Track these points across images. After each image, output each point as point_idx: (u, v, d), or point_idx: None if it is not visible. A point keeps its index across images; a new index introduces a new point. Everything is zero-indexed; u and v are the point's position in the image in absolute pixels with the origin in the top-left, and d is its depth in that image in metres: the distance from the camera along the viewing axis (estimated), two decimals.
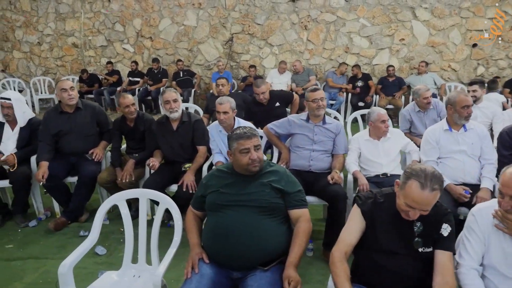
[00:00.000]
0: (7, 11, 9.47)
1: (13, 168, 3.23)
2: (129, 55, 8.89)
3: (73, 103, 3.28)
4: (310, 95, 2.94)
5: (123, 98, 3.29)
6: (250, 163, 1.81)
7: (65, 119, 3.32)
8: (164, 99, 3.07)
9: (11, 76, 9.57)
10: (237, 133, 1.86)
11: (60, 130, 3.29)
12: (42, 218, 3.40)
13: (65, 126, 3.30)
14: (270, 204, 1.77)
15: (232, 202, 1.78)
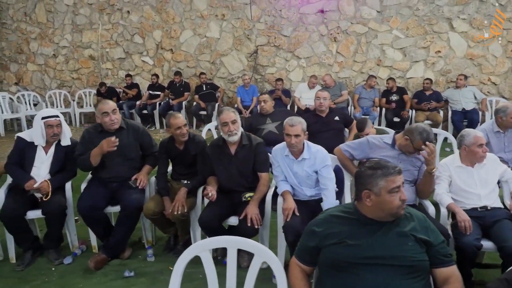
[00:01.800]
0: (22, 23, 9.21)
1: (46, 197, 2.84)
2: (148, 67, 8.56)
3: (116, 127, 2.90)
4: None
5: (174, 118, 2.88)
6: (401, 205, 1.41)
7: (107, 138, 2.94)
8: (222, 121, 2.68)
9: (25, 89, 9.26)
10: (381, 168, 1.47)
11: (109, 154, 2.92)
12: (77, 253, 2.98)
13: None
14: (417, 263, 1.37)
15: (368, 260, 1.38)
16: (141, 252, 3.00)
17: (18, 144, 2.96)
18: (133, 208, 2.80)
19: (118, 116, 2.90)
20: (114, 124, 2.88)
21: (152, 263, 2.84)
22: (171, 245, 3.03)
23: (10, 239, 2.89)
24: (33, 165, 2.92)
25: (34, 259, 2.90)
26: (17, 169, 2.91)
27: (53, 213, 2.81)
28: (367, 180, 1.52)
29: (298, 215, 2.48)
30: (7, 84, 9.60)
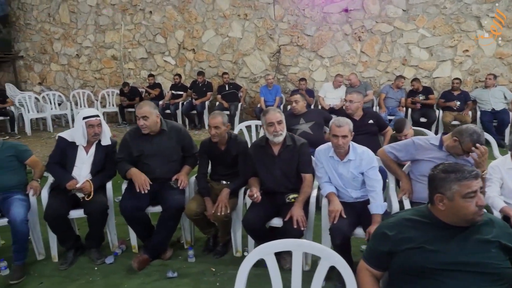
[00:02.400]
0: (46, 24, 9.33)
1: (88, 197, 2.85)
2: (170, 67, 8.59)
3: (145, 132, 2.89)
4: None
5: (211, 118, 2.87)
6: (477, 212, 1.36)
7: (148, 141, 2.94)
8: (268, 121, 2.64)
9: (48, 89, 9.39)
10: (455, 172, 1.42)
11: (142, 153, 2.91)
12: (118, 253, 2.99)
13: (147, 148, 2.92)
14: (501, 271, 1.32)
15: (449, 266, 1.33)
16: (181, 252, 3.00)
17: (59, 144, 2.97)
18: (175, 209, 2.79)
19: (148, 122, 2.83)
20: (143, 129, 2.87)
21: (193, 264, 2.83)
22: (211, 246, 3.02)
23: (53, 238, 2.90)
24: (75, 165, 2.93)
25: (76, 259, 2.92)
26: (59, 169, 2.92)
27: (96, 212, 2.82)
28: (439, 184, 1.47)
29: (345, 217, 2.44)
30: (31, 84, 9.74)
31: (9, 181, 2.89)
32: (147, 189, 2.80)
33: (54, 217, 2.76)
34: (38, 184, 2.96)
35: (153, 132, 2.92)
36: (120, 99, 8.20)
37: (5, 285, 2.64)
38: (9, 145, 3.00)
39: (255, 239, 2.72)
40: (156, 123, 2.90)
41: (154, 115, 2.87)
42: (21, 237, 2.69)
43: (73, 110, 8.23)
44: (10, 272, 2.74)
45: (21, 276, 2.67)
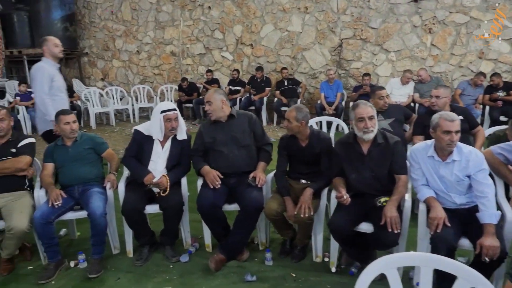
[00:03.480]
0: (109, 21, 9.62)
1: (164, 192, 2.77)
2: (227, 63, 8.53)
3: (211, 118, 2.83)
4: None
5: (288, 111, 2.69)
6: None
7: (219, 128, 2.84)
8: (358, 116, 2.40)
9: (110, 84, 9.69)
10: None
11: (214, 140, 2.82)
12: (192, 251, 2.89)
13: (219, 135, 2.82)
14: None
15: None
16: (256, 254, 2.84)
17: (135, 137, 2.92)
18: (254, 208, 2.63)
19: (212, 107, 2.78)
20: (210, 115, 2.83)
21: (271, 268, 2.66)
22: (287, 249, 2.84)
23: (129, 233, 2.87)
24: (150, 159, 2.87)
25: (151, 255, 2.86)
26: (135, 163, 2.87)
27: (172, 209, 2.74)
28: None
29: (449, 226, 2.15)
30: (94, 80, 10.12)
31: (88, 174, 2.88)
32: (219, 183, 2.69)
33: (131, 211, 2.71)
34: (115, 177, 2.93)
35: (221, 118, 2.82)
36: (179, 95, 8.26)
37: (84, 278, 2.62)
38: (87, 137, 3.00)
39: (341, 244, 2.50)
40: (221, 109, 2.79)
41: (218, 101, 2.77)
42: (100, 231, 2.66)
43: (134, 105, 8.41)
44: (88, 265, 2.72)
45: (99, 270, 2.65)
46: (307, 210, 2.50)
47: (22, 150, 2.81)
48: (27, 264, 2.82)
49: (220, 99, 2.79)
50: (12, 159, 2.74)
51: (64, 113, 2.88)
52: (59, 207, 2.66)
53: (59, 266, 2.70)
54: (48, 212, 2.62)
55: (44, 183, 2.80)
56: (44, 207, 2.64)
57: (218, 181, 2.70)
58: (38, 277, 2.61)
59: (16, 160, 2.74)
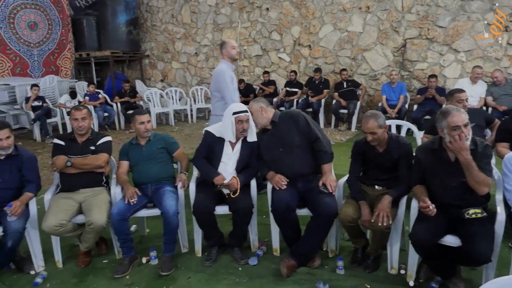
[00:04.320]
0: (170, 24, 9.94)
1: (234, 194, 2.76)
2: (284, 64, 8.48)
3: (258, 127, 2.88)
4: None
5: (365, 122, 2.52)
6: None
7: (269, 136, 2.83)
8: (452, 124, 2.16)
9: (168, 85, 10.01)
10: None
11: (268, 148, 2.81)
12: (259, 254, 2.86)
13: (270, 142, 2.81)
14: None
15: None
16: (326, 261, 2.74)
17: (206, 138, 2.94)
18: (327, 214, 2.53)
19: (252, 118, 2.83)
20: (256, 126, 2.88)
21: (343, 277, 2.55)
22: (359, 258, 2.71)
23: (198, 233, 2.88)
24: (221, 160, 2.87)
25: (219, 256, 2.86)
26: (205, 164, 2.88)
27: (242, 211, 2.72)
28: None
29: None
30: (154, 81, 10.51)
31: (160, 173, 2.94)
32: (284, 184, 2.66)
33: (202, 212, 2.72)
34: (186, 177, 2.97)
35: (266, 125, 2.83)
36: None
37: (156, 275, 2.67)
38: (160, 137, 3.07)
39: (423, 257, 2.34)
40: (261, 115, 2.80)
41: (257, 110, 2.81)
42: (172, 229, 2.70)
43: (192, 105, 8.61)
44: (160, 262, 2.77)
45: (171, 268, 2.68)
46: (385, 218, 2.37)
47: (100, 148, 2.92)
48: (102, 258, 2.93)
49: (259, 106, 2.80)
50: (91, 156, 2.86)
51: (139, 113, 2.97)
52: (134, 204, 2.74)
53: (132, 261, 2.78)
54: (124, 209, 2.70)
55: (120, 180, 2.89)
56: (120, 204, 2.73)
57: (284, 181, 2.66)
58: (113, 271, 2.69)
59: (95, 157, 2.86)
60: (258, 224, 2.97)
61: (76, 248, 3.06)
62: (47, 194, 2.84)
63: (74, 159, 2.79)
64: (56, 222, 2.58)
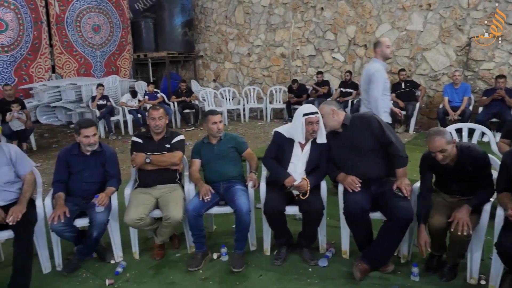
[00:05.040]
0: (223, 25, 10.13)
1: (304, 195, 2.77)
2: (338, 64, 8.37)
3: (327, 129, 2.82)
4: None
5: (430, 141, 2.37)
6: None
7: (338, 139, 2.81)
8: None
9: (221, 85, 10.20)
10: None
11: (338, 150, 2.80)
12: (328, 256, 2.85)
13: (340, 145, 2.80)
14: None
15: None
16: (399, 267, 2.68)
17: (276, 139, 2.97)
18: (404, 219, 2.48)
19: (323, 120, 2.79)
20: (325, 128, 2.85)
21: (418, 284, 2.49)
22: (434, 265, 2.62)
23: (267, 232, 2.93)
24: (290, 161, 2.89)
25: (288, 255, 2.89)
26: (275, 164, 2.92)
27: (312, 212, 2.73)
28: None
29: None
30: (206, 81, 10.77)
31: (231, 172, 3.02)
32: (358, 186, 2.64)
33: (273, 211, 2.76)
34: (256, 176, 3.02)
35: (336, 127, 2.81)
36: (288, 96, 8.35)
37: (227, 271, 2.75)
38: (230, 136, 3.15)
39: (510, 267, 2.23)
40: (332, 118, 2.77)
41: (328, 112, 2.78)
42: (245, 227, 2.77)
43: (245, 105, 8.72)
44: (231, 259, 2.84)
45: (242, 265, 2.75)
46: (465, 227, 2.28)
47: (175, 146, 3.05)
48: (175, 252, 3.06)
49: (330, 109, 2.77)
50: (168, 154, 2.99)
51: (212, 113, 3.06)
52: (208, 202, 2.83)
53: (204, 256, 2.88)
54: (199, 206, 2.80)
55: (194, 178, 3.00)
56: (195, 201, 2.84)
57: (357, 184, 2.63)
58: (187, 265, 2.81)
59: (171, 155, 2.99)
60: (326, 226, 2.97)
61: (149, 240, 3.22)
62: (126, 189, 3.01)
63: (153, 157, 2.94)
64: (137, 216, 2.73)
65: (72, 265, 2.80)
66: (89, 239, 2.74)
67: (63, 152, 2.93)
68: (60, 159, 2.91)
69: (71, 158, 2.89)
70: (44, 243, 2.79)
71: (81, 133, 2.79)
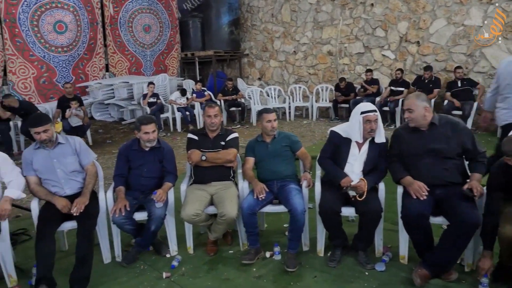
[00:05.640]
0: (269, 23, 10.12)
1: (361, 196, 2.69)
2: (388, 62, 8.10)
3: (412, 125, 2.67)
4: None
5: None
6: None
7: (419, 137, 2.64)
8: None
9: (266, 84, 10.21)
10: None
11: (414, 149, 2.64)
12: (385, 261, 2.75)
13: (419, 144, 2.62)
14: None
15: None
16: (463, 276, 2.54)
17: (332, 138, 2.91)
18: (468, 223, 2.34)
19: (412, 115, 2.61)
20: (410, 122, 2.67)
21: None
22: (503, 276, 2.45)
23: (321, 233, 2.88)
24: (347, 161, 2.82)
25: (342, 258, 2.82)
26: (332, 164, 2.86)
27: (369, 214, 2.65)
28: None
29: None
30: (251, 79, 10.81)
31: (285, 170, 3.00)
32: (425, 195, 2.49)
33: (328, 212, 2.71)
34: (310, 176, 2.98)
35: (422, 126, 2.62)
36: (335, 95, 8.20)
37: (281, 271, 2.73)
38: (284, 135, 3.13)
39: None
40: (423, 116, 2.57)
41: (420, 108, 2.57)
42: (299, 227, 2.74)
43: (290, 104, 8.67)
44: (284, 258, 2.82)
45: (296, 265, 2.72)
46: None
47: (230, 143, 3.08)
48: (228, 249, 3.09)
49: (423, 106, 2.59)
50: (223, 151, 3.02)
51: (266, 112, 3.06)
52: (262, 200, 2.83)
53: (257, 253, 2.88)
54: (254, 204, 2.81)
55: (247, 176, 3.01)
56: (250, 199, 2.84)
57: (424, 192, 2.50)
58: (240, 257, 2.82)
59: (226, 152, 3.02)
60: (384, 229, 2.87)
61: (201, 236, 3.28)
62: (182, 185, 3.08)
63: (208, 154, 2.98)
64: (193, 211, 2.78)
65: (130, 257, 2.91)
66: (147, 232, 2.83)
67: (124, 147, 3.04)
68: (120, 153, 3.02)
69: (131, 153, 2.99)
70: (105, 235, 2.91)
71: (141, 130, 2.88)
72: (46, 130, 2.66)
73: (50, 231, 2.57)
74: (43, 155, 2.74)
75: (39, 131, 2.65)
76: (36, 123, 2.67)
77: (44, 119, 2.71)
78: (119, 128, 8.32)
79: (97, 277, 2.71)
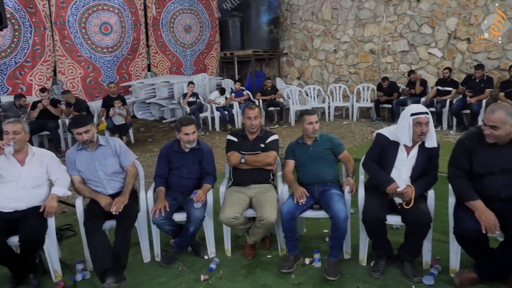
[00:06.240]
0: (309, 22, 9.96)
1: (408, 204, 2.53)
2: (435, 60, 7.71)
3: (491, 141, 2.33)
4: None
5: None
6: None
7: (493, 153, 2.37)
8: None
9: (305, 83, 10.05)
10: None
11: (482, 164, 2.38)
12: (434, 274, 2.57)
13: (485, 162, 2.38)
14: None
15: None
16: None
17: (378, 141, 2.76)
18: None
19: (496, 133, 2.27)
20: (488, 138, 2.33)
21: None
22: None
23: (364, 241, 2.75)
24: (394, 166, 2.67)
25: (386, 268, 2.67)
26: (378, 169, 2.71)
27: (418, 223, 2.49)
28: None
29: None
30: (290, 79, 10.70)
31: (327, 174, 2.90)
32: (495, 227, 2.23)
33: (373, 220, 2.58)
34: (353, 181, 2.86)
35: (503, 142, 2.32)
36: (377, 94, 7.92)
37: (321, 279, 2.63)
38: (326, 137, 3.02)
39: None
40: (508, 135, 2.27)
41: (508, 126, 2.23)
42: (341, 234, 2.63)
43: (330, 103, 8.48)
44: (325, 266, 2.72)
45: (337, 274, 2.62)
46: None
47: (269, 145, 3.01)
48: (266, 253, 3.02)
49: (510, 124, 2.24)
50: (263, 154, 2.96)
51: (308, 113, 2.96)
52: (302, 205, 2.74)
53: (296, 260, 2.79)
54: (294, 209, 2.73)
55: (288, 179, 2.93)
56: (290, 203, 2.76)
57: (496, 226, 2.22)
58: (280, 266, 2.75)
59: (266, 155, 2.95)
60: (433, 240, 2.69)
61: (238, 239, 3.24)
62: (221, 187, 3.05)
63: (248, 156, 2.93)
64: (232, 214, 2.74)
65: (169, 257, 2.91)
66: (186, 233, 2.83)
67: (165, 148, 3.06)
68: (161, 154, 3.03)
69: (172, 154, 3.00)
70: (146, 234, 2.94)
71: (182, 131, 2.88)
72: (88, 131, 2.72)
73: (98, 226, 2.63)
74: (85, 156, 2.81)
75: (81, 132, 2.71)
76: (77, 123, 2.74)
77: (85, 120, 2.77)
78: (159, 127, 8.50)
79: (137, 276, 2.74)
